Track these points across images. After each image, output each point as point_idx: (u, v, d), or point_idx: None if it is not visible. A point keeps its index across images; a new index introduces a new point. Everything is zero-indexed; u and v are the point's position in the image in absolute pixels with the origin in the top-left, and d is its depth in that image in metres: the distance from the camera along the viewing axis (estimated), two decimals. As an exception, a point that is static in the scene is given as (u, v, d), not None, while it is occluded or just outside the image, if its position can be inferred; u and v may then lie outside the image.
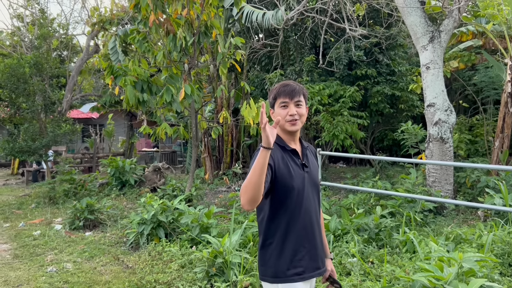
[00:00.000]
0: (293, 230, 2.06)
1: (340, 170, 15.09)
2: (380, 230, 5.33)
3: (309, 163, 2.19)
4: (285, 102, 2.10)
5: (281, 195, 2.05)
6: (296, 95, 2.10)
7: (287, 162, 2.07)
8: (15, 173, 17.37)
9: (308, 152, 2.26)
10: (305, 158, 2.19)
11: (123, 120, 19.37)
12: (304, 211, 2.09)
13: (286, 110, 2.09)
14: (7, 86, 11.20)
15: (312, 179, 2.18)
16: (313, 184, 2.18)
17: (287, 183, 2.04)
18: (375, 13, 11.95)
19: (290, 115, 2.08)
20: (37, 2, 15.44)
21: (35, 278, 4.90)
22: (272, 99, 2.16)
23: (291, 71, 11.88)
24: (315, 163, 2.29)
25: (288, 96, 2.09)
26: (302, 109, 2.12)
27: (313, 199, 2.17)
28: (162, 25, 7.32)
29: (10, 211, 9.09)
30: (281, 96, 2.11)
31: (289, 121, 2.09)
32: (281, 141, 2.14)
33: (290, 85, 2.12)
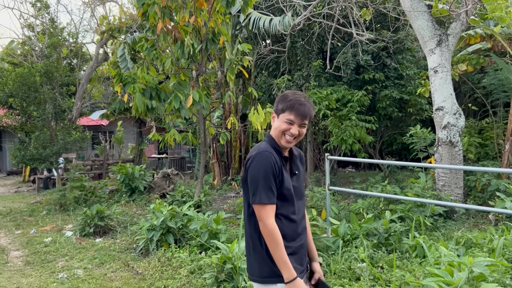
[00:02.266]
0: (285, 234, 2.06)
1: (349, 174, 15.04)
2: (390, 235, 5.31)
3: (299, 171, 2.23)
4: (291, 121, 2.08)
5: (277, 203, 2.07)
6: (306, 118, 2.08)
7: (282, 170, 2.09)
8: (26, 181, 17.57)
9: (298, 160, 2.28)
10: (295, 166, 2.22)
11: (132, 127, 19.52)
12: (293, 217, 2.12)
13: (289, 127, 2.08)
14: (18, 94, 11.37)
15: (300, 186, 2.23)
16: (301, 191, 2.23)
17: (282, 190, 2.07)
18: (382, 17, 11.94)
19: (291, 133, 2.08)
20: (47, 12, 15.66)
21: (46, 284, 4.95)
22: (281, 110, 2.11)
23: (299, 76, 11.90)
24: (302, 170, 2.31)
25: (299, 117, 2.07)
26: (303, 129, 2.11)
27: (301, 206, 2.21)
28: (170, 33, 7.39)
29: (21, 218, 9.19)
30: (292, 114, 2.07)
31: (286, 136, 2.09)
32: (277, 146, 2.14)
33: (306, 106, 2.08)
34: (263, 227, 2.00)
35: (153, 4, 7.06)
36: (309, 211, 6.51)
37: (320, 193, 7.96)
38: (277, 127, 2.10)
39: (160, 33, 7.16)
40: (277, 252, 1.97)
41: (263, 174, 2.00)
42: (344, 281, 4.25)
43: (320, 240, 5.32)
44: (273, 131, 2.14)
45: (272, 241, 1.98)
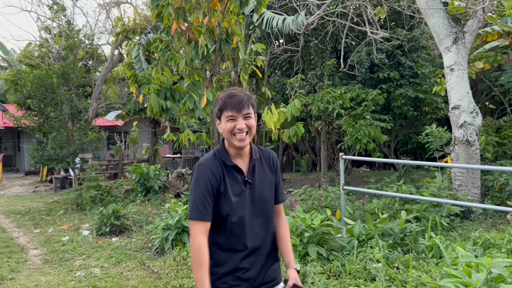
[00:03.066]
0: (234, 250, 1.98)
1: (363, 174, 14.95)
2: (405, 235, 5.26)
3: (255, 178, 2.04)
4: (232, 116, 1.93)
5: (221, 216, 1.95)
6: (244, 107, 1.94)
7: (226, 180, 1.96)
8: (43, 180, 17.87)
9: (259, 164, 2.09)
10: (250, 173, 2.03)
11: (147, 127, 19.70)
12: (246, 230, 1.98)
13: (234, 124, 1.93)
14: (36, 96, 11.57)
15: (257, 194, 2.03)
16: (258, 200, 2.03)
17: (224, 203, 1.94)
18: (397, 15, 11.82)
19: (238, 129, 1.93)
20: (64, 14, 15.90)
21: (64, 282, 5.03)
22: (218, 110, 1.98)
23: (312, 75, 11.86)
24: (269, 175, 2.12)
25: (235, 110, 1.93)
26: (251, 120, 1.96)
27: (257, 217, 2.03)
28: (184, 34, 7.44)
29: (39, 217, 9.36)
30: (227, 109, 1.94)
31: (236, 134, 1.94)
32: (224, 155, 2.01)
33: (237, 96, 1.94)
34: (191, 242, 1.91)
35: (167, 5, 7.11)
36: (323, 211, 6.49)
37: (335, 193, 7.92)
38: (224, 129, 1.96)
39: (175, 34, 7.21)
40: (198, 272, 1.86)
41: (196, 189, 1.92)
42: (359, 281, 4.23)
43: (335, 240, 5.30)
44: (224, 137, 2.00)
45: (196, 259, 1.88)
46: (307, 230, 5.02)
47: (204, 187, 1.91)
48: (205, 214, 1.90)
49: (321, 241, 5.17)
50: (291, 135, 7.91)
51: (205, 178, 1.92)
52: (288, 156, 18.09)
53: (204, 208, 1.90)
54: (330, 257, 4.94)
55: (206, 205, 1.90)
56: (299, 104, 7.58)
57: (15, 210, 10.39)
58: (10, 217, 9.59)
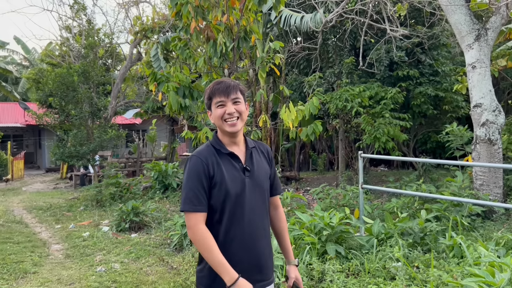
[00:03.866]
0: (231, 241, 1.92)
1: (381, 173, 14.80)
2: (425, 234, 5.19)
3: (254, 166, 2.01)
4: (221, 101, 1.94)
5: (216, 204, 1.91)
6: (232, 91, 1.95)
7: (222, 167, 1.93)
8: (64, 177, 18.20)
9: (255, 153, 2.08)
10: (248, 160, 2.01)
11: (165, 125, 19.87)
12: (244, 221, 1.94)
13: (224, 109, 1.94)
14: (57, 94, 11.80)
15: (256, 182, 2.01)
16: (258, 188, 2.01)
17: (221, 191, 1.90)
18: (417, 13, 11.66)
19: (228, 113, 1.93)
20: (85, 13, 16.16)
21: (85, 277, 5.12)
22: (207, 99, 2.01)
23: (330, 73, 11.80)
24: (265, 164, 2.10)
25: (223, 94, 1.94)
26: (240, 106, 1.97)
27: (257, 205, 2.00)
28: (203, 32, 7.48)
29: (61, 213, 9.54)
30: (216, 95, 1.96)
31: (227, 120, 1.94)
32: (218, 143, 2.00)
33: (224, 82, 1.98)
34: (191, 235, 1.87)
35: (186, 3, 7.17)
36: (341, 210, 6.46)
37: (353, 192, 7.87)
38: (214, 117, 1.97)
39: (193, 32, 7.25)
40: (212, 257, 1.83)
41: (189, 181, 1.90)
42: (378, 280, 4.20)
43: (354, 238, 5.27)
44: (216, 126, 2.00)
45: (204, 247, 1.84)
46: (326, 229, 5.00)
47: (196, 179, 1.88)
48: (198, 205, 1.87)
49: (339, 239, 5.15)
50: (309, 133, 7.88)
51: (197, 169, 1.89)
52: (305, 154, 18.02)
53: (197, 200, 1.87)
54: (348, 256, 4.91)
55: (199, 196, 1.88)
56: (317, 102, 7.54)
57: (37, 206, 10.62)
58: (32, 213, 9.81)
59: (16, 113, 24.61)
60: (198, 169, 1.89)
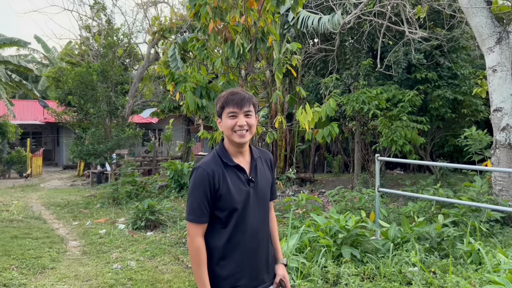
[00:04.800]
0: (234, 248, 1.99)
1: (397, 176, 14.65)
2: (443, 239, 5.13)
3: (258, 177, 2.08)
4: (233, 113, 1.98)
5: (220, 215, 1.98)
6: (245, 104, 1.99)
7: (228, 180, 1.97)
8: (81, 175, 18.47)
9: (260, 163, 2.13)
10: (253, 171, 2.07)
11: (181, 125, 20.01)
12: (246, 230, 2.01)
13: (235, 121, 1.98)
14: (76, 92, 11.99)
15: (260, 193, 2.08)
16: (261, 198, 2.08)
17: (227, 204, 1.96)
18: (436, 15, 11.53)
19: (239, 125, 1.97)
20: (104, 13, 16.38)
21: (102, 274, 5.19)
22: (220, 108, 2.03)
23: (347, 75, 11.73)
24: (268, 174, 2.16)
25: (237, 106, 1.98)
26: (251, 119, 2.01)
27: (259, 215, 2.07)
28: (221, 33, 7.52)
29: (78, 210, 9.69)
30: (229, 106, 1.99)
31: (237, 131, 1.98)
32: (225, 155, 2.03)
33: (239, 94, 2.01)
34: (190, 243, 1.96)
35: (204, 4, 7.21)
36: (357, 213, 6.42)
37: (369, 195, 7.82)
38: (224, 126, 2.01)
39: (211, 33, 7.29)
40: (198, 272, 1.93)
41: (194, 192, 1.95)
42: (394, 285, 4.17)
43: (369, 242, 5.23)
44: (224, 134, 2.05)
45: (194, 260, 1.94)
46: (341, 231, 4.98)
47: (201, 191, 1.94)
48: (201, 217, 1.94)
49: (355, 242, 5.12)
50: (325, 135, 7.84)
51: (203, 182, 1.94)
52: (320, 156, 17.94)
53: (200, 211, 1.94)
54: (364, 259, 4.88)
55: (202, 208, 1.94)
56: (334, 104, 7.51)
57: (55, 203, 10.80)
58: (50, 209, 9.98)
59: (36, 111, 25.07)
60: (204, 181, 1.94)
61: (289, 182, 12.17)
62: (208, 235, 2.00)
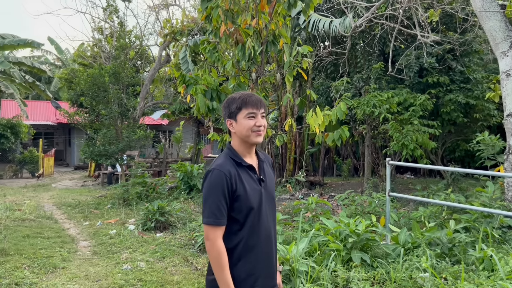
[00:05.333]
0: (251, 250, 2.02)
1: (407, 181, 14.54)
2: (454, 245, 5.08)
3: (266, 177, 2.14)
4: (253, 113, 2.04)
5: (238, 216, 2.00)
6: (262, 106, 2.06)
7: (243, 181, 2.01)
8: (91, 175, 18.62)
9: (265, 165, 2.20)
10: (262, 172, 2.13)
11: (191, 127, 20.09)
12: (261, 228, 2.05)
13: (254, 121, 2.03)
14: (88, 94, 12.11)
15: (269, 192, 2.14)
16: (270, 198, 2.14)
17: (244, 204, 1.99)
18: (449, 18, 11.43)
19: (258, 125, 2.03)
20: (117, 16, 16.53)
21: (112, 274, 5.23)
22: (236, 109, 2.06)
23: (358, 78, 11.69)
24: (272, 174, 2.23)
25: (256, 107, 2.04)
26: (265, 120, 2.09)
27: (271, 214, 2.13)
28: (232, 35, 7.54)
29: (88, 210, 9.76)
30: (248, 106, 2.04)
31: (255, 131, 2.04)
32: (237, 156, 2.07)
33: (255, 95, 2.08)
34: (210, 247, 1.96)
35: (216, 7, 7.25)
36: (367, 217, 6.38)
37: (379, 199, 7.77)
38: (243, 127, 2.04)
39: (223, 36, 7.32)
40: (222, 276, 1.93)
41: (212, 195, 1.96)
42: (405, 290, 4.13)
43: (379, 247, 5.20)
44: (238, 135, 2.08)
45: (218, 263, 1.94)
46: (351, 236, 4.96)
47: (219, 193, 1.95)
48: (221, 219, 1.96)
49: (365, 247, 5.09)
50: (335, 138, 7.82)
51: (221, 183, 1.96)
52: (329, 160, 17.89)
53: (220, 213, 1.95)
54: (374, 264, 4.85)
55: (222, 209, 1.95)
56: (345, 107, 7.49)
57: (66, 203, 10.91)
58: (61, 209, 10.08)
59: (48, 112, 25.37)
60: (222, 183, 1.96)
61: (298, 185, 12.15)
62: (224, 238, 2.00)
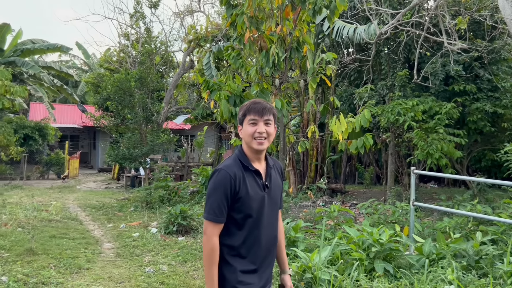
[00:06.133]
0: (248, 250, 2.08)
1: (431, 190, 14.27)
2: (481, 257, 4.96)
3: (271, 183, 2.18)
4: (254, 120, 2.09)
5: (236, 216, 2.06)
6: (266, 113, 2.09)
7: (247, 184, 2.06)
8: (115, 178, 18.93)
9: (273, 171, 2.23)
10: (268, 178, 2.17)
11: (213, 132, 20.23)
12: (260, 232, 2.10)
13: (255, 128, 2.08)
14: (115, 98, 12.35)
15: (273, 199, 2.18)
16: (273, 204, 2.18)
17: (244, 206, 2.04)
18: (476, 26, 11.23)
19: (258, 132, 2.07)
20: (144, 22, 16.86)
21: (135, 276, 5.30)
22: (242, 115, 2.15)
23: (382, 86, 11.57)
24: (279, 182, 2.27)
25: (258, 114, 2.09)
26: (270, 128, 2.12)
27: (272, 218, 2.17)
28: (256, 42, 7.59)
29: (112, 212, 9.93)
30: (251, 113, 2.10)
31: (256, 138, 2.08)
32: (245, 159, 2.12)
33: (261, 103, 2.12)
34: (205, 241, 2.03)
35: (241, 14, 7.31)
36: (390, 227, 6.30)
37: (403, 208, 7.65)
38: (245, 133, 2.11)
39: (247, 42, 7.38)
40: (210, 271, 2.01)
41: (215, 193, 2.03)
42: (429, 302, 4.06)
43: (403, 257, 5.12)
44: (244, 141, 2.14)
45: (209, 259, 2.02)
46: (374, 245, 4.90)
47: (222, 192, 2.02)
48: (220, 217, 2.03)
49: (388, 257, 5.02)
50: (359, 146, 7.76)
51: (225, 183, 2.02)
52: (351, 167, 17.72)
53: (219, 211, 2.02)
54: (397, 275, 4.78)
55: (222, 208, 2.02)
56: (369, 115, 7.42)
57: (91, 205, 11.12)
58: (86, 211, 10.28)
59: (74, 115, 25.96)
60: (225, 183, 2.02)
61: (320, 192, 12.06)
62: (223, 235, 2.07)
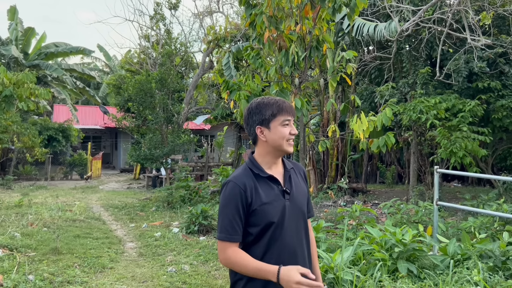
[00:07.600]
0: None
1: (454, 189, 14.01)
2: (508, 258, 4.84)
3: (293, 188, 1.94)
4: (288, 120, 1.90)
5: (252, 230, 1.86)
6: (295, 113, 1.94)
7: (260, 193, 1.85)
8: (136, 178, 19.21)
9: (293, 174, 2.00)
10: (287, 183, 1.94)
11: (232, 132, 20.30)
12: (283, 249, 1.86)
13: (288, 129, 1.90)
14: (136, 99, 12.53)
15: (297, 206, 1.94)
16: (298, 212, 1.94)
17: (261, 218, 1.84)
18: (501, 21, 10.95)
19: (293, 134, 1.89)
20: (164, 24, 17.04)
21: (157, 276, 5.36)
22: (270, 115, 1.89)
23: (404, 83, 11.40)
24: (303, 185, 2.03)
25: (291, 114, 1.92)
26: None
27: (297, 229, 1.93)
28: (275, 41, 7.58)
29: (134, 212, 10.07)
30: (283, 113, 1.89)
31: (289, 140, 1.90)
32: (256, 166, 1.91)
33: (287, 102, 1.93)
34: (223, 261, 1.86)
35: (260, 13, 7.31)
36: (413, 226, 6.20)
37: (426, 208, 7.52)
38: (278, 135, 1.88)
39: (267, 42, 7.37)
40: (247, 269, 1.80)
41: (225, 209, 1.84)
42: (455, 304, 3.98)
43: (427, 257, 5.04)
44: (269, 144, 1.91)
45: (239, 268, 1.82)
46: (398, 245, 4.83)
47: (233, 207, 1.83)
48: (234, 234, 1.84)
49: (411, 257, 4.95)
50: (380, 145, 7.66)
51: (235, 196, 1.84)
52: (372, 166, 17.52)
53: (232, 229, 1.83)
54: (421, 275, 4.70)
55: (234, 225, 1.83)
56: (391, 113, 7.33)
57: (113, 205, 11.30)
58: (109, 211, 10.45)
59: (96, 116, 26.44)
60: (235, 196, 1.84)
61: (341, 192, 11.96)
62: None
